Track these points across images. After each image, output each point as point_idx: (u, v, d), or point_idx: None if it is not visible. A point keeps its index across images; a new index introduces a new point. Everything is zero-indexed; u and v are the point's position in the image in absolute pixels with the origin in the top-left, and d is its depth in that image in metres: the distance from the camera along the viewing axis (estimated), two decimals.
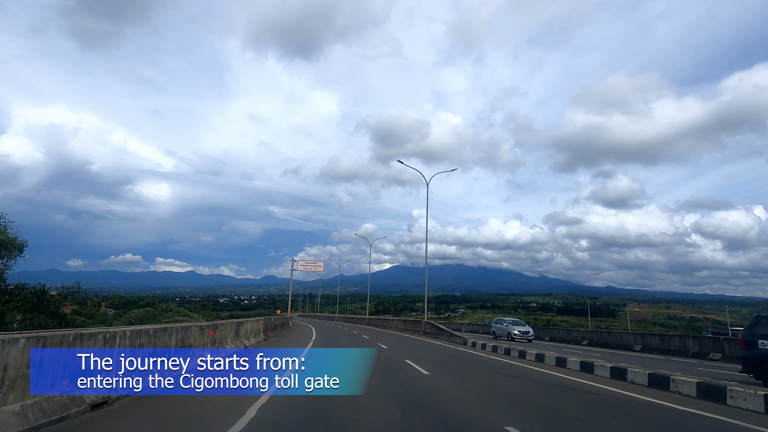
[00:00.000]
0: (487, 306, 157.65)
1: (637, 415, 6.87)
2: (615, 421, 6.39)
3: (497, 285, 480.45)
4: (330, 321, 56.73)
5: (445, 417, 6.05)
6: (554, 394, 8.40)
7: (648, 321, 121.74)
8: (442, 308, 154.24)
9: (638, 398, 8.16)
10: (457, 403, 7.16)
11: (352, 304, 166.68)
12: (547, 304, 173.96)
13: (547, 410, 6.84)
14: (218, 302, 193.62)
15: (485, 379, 10.03)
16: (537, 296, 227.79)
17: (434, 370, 10.92)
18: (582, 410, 6.97)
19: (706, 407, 7.46)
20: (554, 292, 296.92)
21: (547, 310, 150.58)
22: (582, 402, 7.68)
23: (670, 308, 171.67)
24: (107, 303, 55.10)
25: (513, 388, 8.82)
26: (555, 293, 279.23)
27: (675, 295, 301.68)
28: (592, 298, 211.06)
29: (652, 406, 7.48)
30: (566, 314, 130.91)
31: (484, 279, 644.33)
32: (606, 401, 7.83)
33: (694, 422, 6.46)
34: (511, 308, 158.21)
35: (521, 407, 7.00)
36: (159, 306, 30.85)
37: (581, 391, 8.72)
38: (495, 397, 7.83)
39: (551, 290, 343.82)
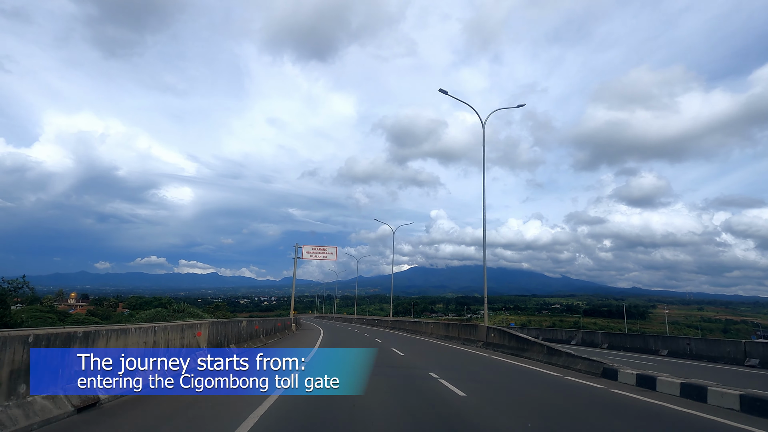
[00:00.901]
0: (510, 307, 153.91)
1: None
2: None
3: (518, 286, 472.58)
4: (347, 323, 54.00)
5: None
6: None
7: (681, 323, 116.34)
8: (463, 309, 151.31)
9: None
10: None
11: (371, 305, 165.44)
12: (571, 305, 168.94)
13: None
14: (239, 303, 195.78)
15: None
16: (559, 297, 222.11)
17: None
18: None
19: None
20: (577, 294, 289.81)
21: (572, 311, 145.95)
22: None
23: (702, 310, 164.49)
24: (125, 304, 55.06)
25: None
26: (578, 294, 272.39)
27: (705, 297, 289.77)
28: (618, 299, 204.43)
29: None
30: (593, 316, 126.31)
31: (505, 280, 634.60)
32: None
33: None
34: (534, 310, 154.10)
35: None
36: (170, 307, 30.04)
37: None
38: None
39: (574, 291, 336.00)
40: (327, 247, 37.10)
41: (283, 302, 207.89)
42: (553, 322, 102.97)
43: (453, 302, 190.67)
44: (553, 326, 72.02)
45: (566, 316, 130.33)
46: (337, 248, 38.91)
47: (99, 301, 69.43)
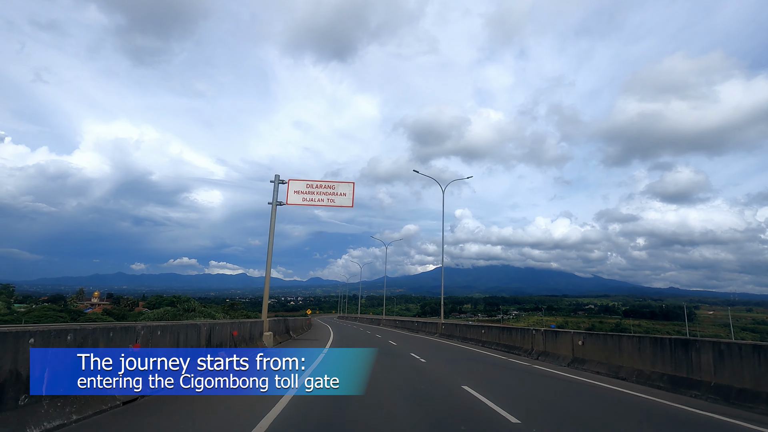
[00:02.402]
0: (542, 308, 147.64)
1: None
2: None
3: (547, 286, 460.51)
4: (374, 325, 46.20)
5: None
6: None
7: (734, 326, 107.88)
8: (493, 310, 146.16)
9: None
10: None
11: (397, 305, 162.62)
12: (606, 306, 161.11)
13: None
14: None
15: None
16: (592, 298, 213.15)
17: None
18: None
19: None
20: (611, 294, 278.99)
21: (609, 312, 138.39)
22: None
23: (751, 311, 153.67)
24: (145, 303, 54.46)
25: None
26: (612, 295, 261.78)
27: (751, 297, 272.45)
28: (656, 300, 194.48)
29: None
30: (634, 317, 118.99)
31: (533, 280, 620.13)
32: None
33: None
34: (568, 311, 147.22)
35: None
36: (180, 306, 28.18)
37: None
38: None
39: (607, 292, 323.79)
40: (335, 183, 19.06)
41: (309, 302, 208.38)
42: (592, 324, 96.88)
43: (481, 302, 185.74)
44: (592, 329, 66.99)
45: (604, 317, 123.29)
46: (354, 184, 18.67)
47: (117, 300, 69.35)
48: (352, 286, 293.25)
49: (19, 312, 32.88)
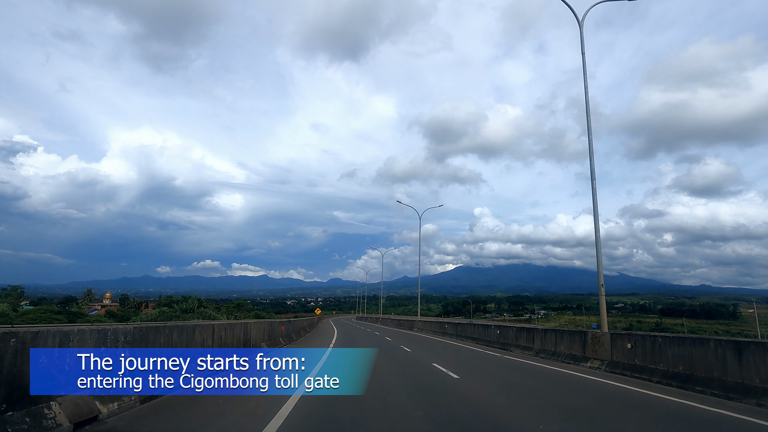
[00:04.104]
0: (572, 307, 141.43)
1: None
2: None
3: (571, 284, 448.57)
4: (406, 330, 36.42)
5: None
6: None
7: None
8: (518, 309, 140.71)
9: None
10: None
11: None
12: (637, 304, 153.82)
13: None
14: (285, 304, 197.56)
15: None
16: (620, 296, 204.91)
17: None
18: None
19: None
20: (639, 292, 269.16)
21: (643, 311, 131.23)
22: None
23: None
24: (155, 304, 52.89)
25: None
26: (640, 293, 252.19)
27: None
28: (689, 298, 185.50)
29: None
30: (672, 316, 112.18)
31: (556, 278, 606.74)
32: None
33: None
34: (597, 309, 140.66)
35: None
36: (177, 306, 25.76)
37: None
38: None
39: (635, 290, 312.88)
40: None
41: (329, 303, 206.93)
42: (630, 324, 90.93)
43: (505, 302, 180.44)
44: (630, 328, 61.98)
45: (640, 316, 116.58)
46: None
47: (123, 302, 68.31)
48: (372, 286, 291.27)
49: (14, 314, 31.13)
